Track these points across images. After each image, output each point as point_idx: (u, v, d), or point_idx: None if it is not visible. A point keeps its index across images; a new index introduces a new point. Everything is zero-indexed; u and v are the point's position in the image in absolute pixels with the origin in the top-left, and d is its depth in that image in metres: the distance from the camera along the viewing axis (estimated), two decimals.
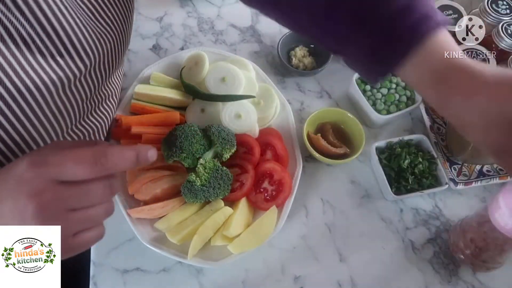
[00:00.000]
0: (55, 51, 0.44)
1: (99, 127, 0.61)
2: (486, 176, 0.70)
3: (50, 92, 0.45)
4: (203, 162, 0.63)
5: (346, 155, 0.70)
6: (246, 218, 0.63)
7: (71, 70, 0.46)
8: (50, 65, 0.44)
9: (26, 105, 0.44)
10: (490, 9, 0.73)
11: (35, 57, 0.43)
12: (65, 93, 0.48)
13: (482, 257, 0.60)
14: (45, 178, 0.36)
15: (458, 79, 0.40)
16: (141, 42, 0.83)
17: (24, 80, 0.42)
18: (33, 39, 0.42)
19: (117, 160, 0.37)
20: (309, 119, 0.71)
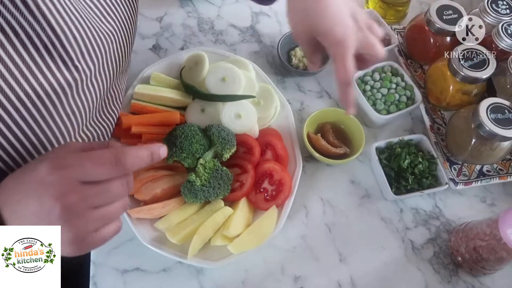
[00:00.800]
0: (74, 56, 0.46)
1: (106, 128, 0.61)
2: (486, 176, 0.70)
3: (65, 93, 0.47)
4: (203, 162, 0.63)
5: (346, 155, 0.70)
6: (246, 218, 0.63)
7: (84, 70, 0.47)
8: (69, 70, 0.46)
9: (43, 107, 0.45)
10: (490, 9, 0.72)
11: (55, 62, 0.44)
12: (78, 94, 0.49)
13: (481, 264, 0.60)
14: (68, 180, 0.38)
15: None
16: (141, 42, 0.83)
17: (42, 84, 0.43)
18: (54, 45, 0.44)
19: (134, 160, 0.40)
20: (309, 119, 0.70)
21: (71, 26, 0.44)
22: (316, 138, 0.69)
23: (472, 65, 0.68)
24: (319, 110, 0.72)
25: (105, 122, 0.61)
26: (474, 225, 0.62)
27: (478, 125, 0.63)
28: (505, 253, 0.56)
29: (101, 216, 0.40)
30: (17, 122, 0.44)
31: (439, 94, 0.73)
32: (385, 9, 0.85)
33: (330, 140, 0.70)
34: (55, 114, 0.47)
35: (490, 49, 0.70)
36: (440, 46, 0.75)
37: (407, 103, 0.74)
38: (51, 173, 0.38)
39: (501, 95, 0.69)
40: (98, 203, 0.40)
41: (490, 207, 0.70)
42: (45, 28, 0.42)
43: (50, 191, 0.37)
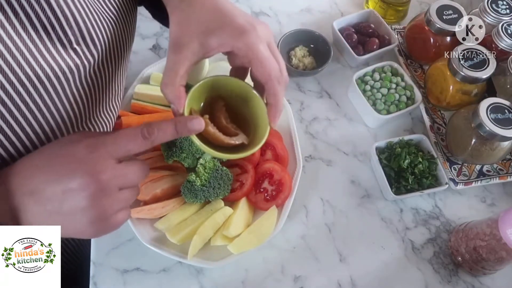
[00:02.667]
0: (74, 39, 0.44)
1: (107, 124, 0.61)
2: (486, 176, 0.70)
3: (67, 80, 0.45)
4: (203, 162, 0.63)
5: (244, 147, 0.50)
6: (246, 218, 0.63)
7: (86, 57, 0.46)
8: (68, 53, 0.44)
9: (45, 92, 0.44)
10: (490, 9, 0.73)
11: (54, 45, 0.43)
12: (81, 82, 0.48)
13: (481, 264, 0.60)
14: (104, 158, 0.39)
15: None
16: (141, 42, 0.83)
17: (44, 68, 0.42)
18: (53, 27, 0.42)
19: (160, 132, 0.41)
20: (194, 90, 0.48)
21: (72, 8, 0.43)
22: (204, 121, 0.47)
23: (472, 65, 0.68)
24: (210, 78, 0.50)
25: (106, 118, 0.60)
26: (474, 225, 0.62)
27: (478, 125, 0.63)
28: (505, 253, 0.56)
29: (125, 198, 0.42)
30: (18, 105, 0.42)
31: (439, 94, 0.73)
32: (385, 9, 0.85)
33: (223, 124, 0.50)
34: (57, 100, 0.46)
35: (490, 49, 0.70)
36: (440, 46, 0.75)
37: (407, 103, 0.74)
38: (89, 151, 0.39)
39: (501, 95, 0.69)
40: (124, 184, 0.41)
41: (490, 207, 0.70)
42: (45, 9, 0.41)
43: (86, 168, 0.39)
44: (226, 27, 0.45)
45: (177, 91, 0.46)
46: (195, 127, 0.44)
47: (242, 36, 0.45)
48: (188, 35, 0.45)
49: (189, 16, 0.46)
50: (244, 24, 0.45)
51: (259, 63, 0.45)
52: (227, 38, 0.45)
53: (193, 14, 0.46)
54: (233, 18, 0.45)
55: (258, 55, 0.45)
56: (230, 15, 0.46)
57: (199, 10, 0.46)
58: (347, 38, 0.80)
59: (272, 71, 0.46)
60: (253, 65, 0.46)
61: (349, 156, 0.73)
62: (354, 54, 0.78)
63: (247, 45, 0.45)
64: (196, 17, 0.45)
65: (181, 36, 0.45)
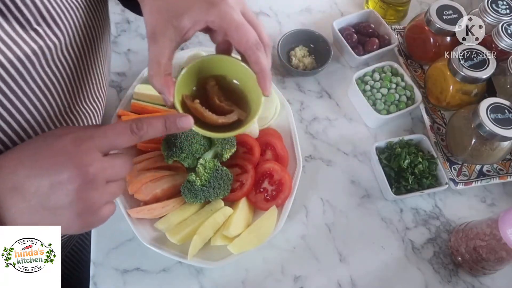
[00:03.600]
0: (32, 19, 0.42)
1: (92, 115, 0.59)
2: (486, 176, 0.70)
3: (32, 63, 0.43)
4: (203, 162, 0.63)
5: (241, 122, 0.49)
6: (246, 218, 0.63)
7: (50, 39, 0.44)
8: (29, 34, 0.42)
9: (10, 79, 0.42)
10: (490, 9, 0.73)
11: (13, 27, 0.41)
12: (49, 65, 0.46)
13: (481, 264, 0.60)
14: (92, 151, 0.39)
15: None
16: (141, 42, 0.83)
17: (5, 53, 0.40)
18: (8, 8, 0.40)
19: (148, 128, 0.41)
20: (182, 76, 0.48)
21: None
22: (194, 107, 0.47)
23: (472, 65, 0.68)
24: (197, 60, 0.50)
25: (90, 109, 0.58)
26: (474, 225, 0.62)
27: (478, 125, 0.63)
28: (505, 253, 0.56)
29: (111, 191, 0.41)
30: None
31: (439, 94, 0.73)
32: (385, 9, 0.85)
33: (216, 104, 0.49)
34: (25, 87, 0.44)
35: (490, 49, 0.70)
36: (440, 46, 0.75)
37: (407, 103, 0.74)
38: (76, 144, 0.39)
39: (501, 95, 0.69)
40: (110, 177, 0.41)
41: (490, 207, 0.70)
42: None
43: (73, 161, 0.38)
44: (194, 5, 0.44)
45: (164, 80, 0.45)
46: (184, 124, 0.44)
47: (212, 8, 0.44)
48: (161, 23, 0.45)
49: (159, 5, 0.45)
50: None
51: (234, 32, 0.44)
52: (198, 15, 0.44)
53: (162, 2, 0.45)
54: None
55: (231, 24, 0.44)
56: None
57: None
58: (347, 38, 0.80)
59: (249, 38, 0.44)
60: (229, 35, 0.45)
61: (349, 156, 0.73)
62: (354, 54, 0.78)
63: (219, 17, 0.44)
64: (165, 4, 0.45)
65: (155, 26, 0.45)
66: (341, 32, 0.81)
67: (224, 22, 0.44)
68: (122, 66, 0.79)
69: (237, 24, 0.44)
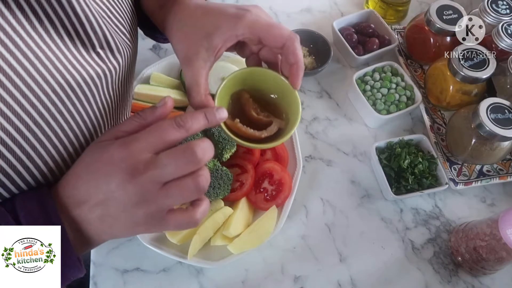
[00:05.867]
0: (97, 42, 0.43)
1: None
2: (486, 176, 0.70)
3: (96, 86, 0.44)
4: None
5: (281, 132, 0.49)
6: (246, 218, 0.63)
7: (112, 63, 0.45)
8: (92, 57, 0.43)
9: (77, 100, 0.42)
10: (490, 9, 0.73)
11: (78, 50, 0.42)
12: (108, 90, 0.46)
13: (481, 264, 0.60)
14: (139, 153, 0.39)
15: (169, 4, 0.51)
16: (141, 42, 0.82)
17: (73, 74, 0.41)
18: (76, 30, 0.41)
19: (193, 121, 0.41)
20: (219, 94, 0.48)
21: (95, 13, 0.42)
22: (234, 125, 0.47)
23: (472, 65, 0.68)
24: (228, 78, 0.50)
25: None
26: (474, 225, 0.62)
27: (478, 125, 0.63)
28: (505, 253, 0.56)
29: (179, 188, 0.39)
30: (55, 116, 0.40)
31: (439, 94, 0.73)
32: (385, 9, 0.85)
33: (254, 117, 0.49)
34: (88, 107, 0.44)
35: (490, 49, 0.70)
36: (440, 46, 0.75)
37: (407, 103, 0.74)
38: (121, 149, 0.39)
39: (501, 95, 0.69)
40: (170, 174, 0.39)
41: (490, 207, 0.70)
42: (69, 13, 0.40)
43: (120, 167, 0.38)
44: (221, 23, 0.46)
45: (205, 100, 0.47)
46: (222, 115, 0.44)
47: (239, 22, 0.45)
48: (192, 46, 0.47)
49: (186, 31, 0.48)
50: (237, 12, 0.46)
51: (268, 33, 0.46)
52: (228, 32, 0.46)
53: (188, 27, 0.47)
54: (224, 13, 0.46)
55: (262, 28, 0.46)
56: (220, 11, 0.47)
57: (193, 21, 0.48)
58: (347, 38, 0.80)
59: (284, 32, 0.46)
60: (263, 38, 0.46)
61: (349, 156, 0.73)
62: (354, 54, 0.78)
63: (248, 27, 0.46)
64: (192, 29, 0.47)
65: (187, 50, 0.47)
66: (341, 32, 0.81)
67: (255, 29, 0.46)
68: None
69: (268, 26, 0.46)
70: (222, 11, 0.47)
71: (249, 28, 0.46)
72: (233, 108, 0.50)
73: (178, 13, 0.49)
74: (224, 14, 0.46)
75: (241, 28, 0.46)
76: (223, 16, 0.46)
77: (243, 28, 0.46)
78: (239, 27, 0.46)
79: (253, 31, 0.46)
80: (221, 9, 0.47)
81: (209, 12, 0.47)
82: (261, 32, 0.46)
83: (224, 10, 0.47)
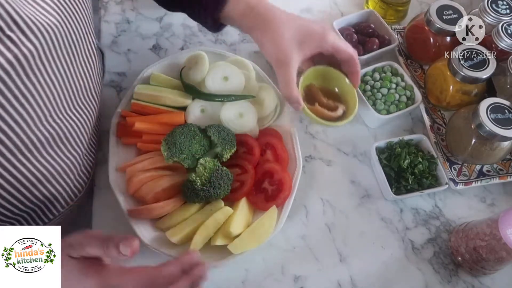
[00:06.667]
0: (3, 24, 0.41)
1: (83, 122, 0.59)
2: (486, 176, 0.70)
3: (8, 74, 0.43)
4: (203, 162, 0.63)
5: (344, 114, 0.67)
6: (246, 218, 0.63)
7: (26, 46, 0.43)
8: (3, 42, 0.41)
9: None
10: (490, 9, 0.73)
11: None
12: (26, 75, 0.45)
13: (481, 264, 0.60)
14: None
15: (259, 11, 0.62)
16: (141, 42, 0.83)
17: None
18: None
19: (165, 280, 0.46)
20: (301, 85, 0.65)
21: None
22: (315, 109, 0.65)
23: (472, 65, 0.68)
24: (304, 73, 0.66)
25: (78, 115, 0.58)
26: (474, 225, 0.62)
27: (478, 125, 0.63)
28: (505, 253, 0.56)
29: None
30: None
31: (439, 94, 0.73)
32: (385, 9, 0.85)
33: (324, 102, 0.67)
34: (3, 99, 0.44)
35: (490, 49, 0.70)
36: (440, 46, 0.75)
37: (407, 103, 0.74)
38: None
39: (501, 95, 0.69)
40: None
41: (490, 207, 0.70)
42: None
43: None
44: (311, 37, 0.62)
45: (296, 93, 0.61)
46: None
47: (325, 39, 0.62)
48: (285, 52, 0.60)
49: (280, 39, 0.60)
50: (321, 30, 0.62)
51: (343, 51, 0.64)
52: (316, 45, 0.63)
53: (281, 36, 0.60)
54: (311, 29, 0.62)
55: (340, 48, 0.63)
56: (309, 27, 0.62)
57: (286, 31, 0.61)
58: (347, 38, 0.80)
59: (351, 51, 0.64)
60: (338, 53, 0.64)
61: (349, 156, 0.73)
62: None
63: (331, 46, 0.63)
64: (283, 37, 0.60)
65: (280, 54, 0.61)
66: (341, 32, 0.81)
67: (334, 48, 0.63)
68: (122, 66, 0.79)
69: (343, 46, 0.64)
70: (310, 26, 0.62)
71: (331, 46, 0.63)
72: (307, 96, 0.67)
73: (271, 23, 0.61)
74: (312, 29, 0.62)
75: (325, 45, 0.62)
76: (312, 31, 0.62)
77: (327, 45, 0.63)
78: (324, 44, 0.62)
79: (334, 48, 0.63)
80: (309, 25, 0.63)
81: (301, 26, 0.62)
82: (339, 50, 0.63)
83: (311, 26, 0.62)
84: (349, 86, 0.68)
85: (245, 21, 0.63)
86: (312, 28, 0.62)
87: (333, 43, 0.63)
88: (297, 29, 0.61)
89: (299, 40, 0.61)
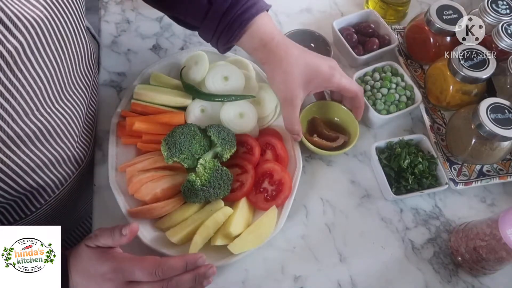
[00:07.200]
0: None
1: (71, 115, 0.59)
2: (486, 176, 0.70)
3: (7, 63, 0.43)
4: (203, 162, 0.63)
5: (346, 144, 0.70)
6: (246, 218, 0.63)
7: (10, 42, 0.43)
8: None
9: None
10: (490, 9, 0.73)
11: None
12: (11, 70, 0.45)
13: (481, 264, 0.60)
14: (121, 279, 0.51)
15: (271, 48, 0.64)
16: (141, 42, 0.83)
17: None
18: None
19: (169, 270, 0.52)
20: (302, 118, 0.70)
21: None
22: (313, 140, 0.69)
23: (472, 65, 0.68)
24: (305, 108, 0.71)
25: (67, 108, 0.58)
26: (474, 225, 0.62)
27: (478, 125, 0.63)
28: (505, 253, 0.56)
29: None
30: None
31: (439, 94, 0.73)
32: (385, 9, 0.85)
33: (325, 134, 0.70)
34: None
35: (490, 49, 0.70)
36: (440, 46, 0.75)
37: (407, 103, 0.74)
38: (112, 272, 0.51)
39: (501, 95, 0.69)
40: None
41: (490, 207, 0.70)
42: None
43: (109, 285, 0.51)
44: (318, 77, 0.64)
45: (299, 128, 0.66)
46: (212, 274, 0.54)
47: (331, 80, 0.65)
48: (293, 92, 0.63)
49: (286, 77, 0.63)
50: (329, 71, 0.65)
51: (348, 91, 0.67)
52: (321, 84, 0.66)
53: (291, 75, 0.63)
54: (319, 69, 0.64)
55: (346, 87, 0.66)
56: (317, 66, 0.64)
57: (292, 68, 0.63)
58: (347, 38, 0.80)
59: (356, 88, 0.67)
60: (343, 92, 0.68)
61: (349, 156, 0.73)
62: (354, 54, 0.78)
63: (336, 85, 0.66)
64: (292, 77, 0.63)
65: (288, 93, 0.64)
66: (341, 32, 0.81)
67: (340, 87, 0.66)
68: (122, 66, 0.79)
69: (348, 86, 0.66)
70: (318, 66, 0.64)
71: (337, 86, 0.66)
72: (310, 128, 0.72)
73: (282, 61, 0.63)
74: (320, 70, 0.64)
75: (330, 85, 0.66)
76: (319, 72, 0.64)
77: (332, 85, 0.66)
78: (329, 84, 0.66)
79: (339, 88, 0.66)
80: (316, 64, 0.64)
81: (309, 65, 0.64)
82: (344, 89, 0.67)
83: (319, 66, 0.64)
84: (351, 118, 0.71)
85: (257, 55, 0.65)
86: (319, 68, 0.64)
87: (339, 84, 0.65)
88: (306, 67, 0.63)
89: (306, 79, 0.63)
